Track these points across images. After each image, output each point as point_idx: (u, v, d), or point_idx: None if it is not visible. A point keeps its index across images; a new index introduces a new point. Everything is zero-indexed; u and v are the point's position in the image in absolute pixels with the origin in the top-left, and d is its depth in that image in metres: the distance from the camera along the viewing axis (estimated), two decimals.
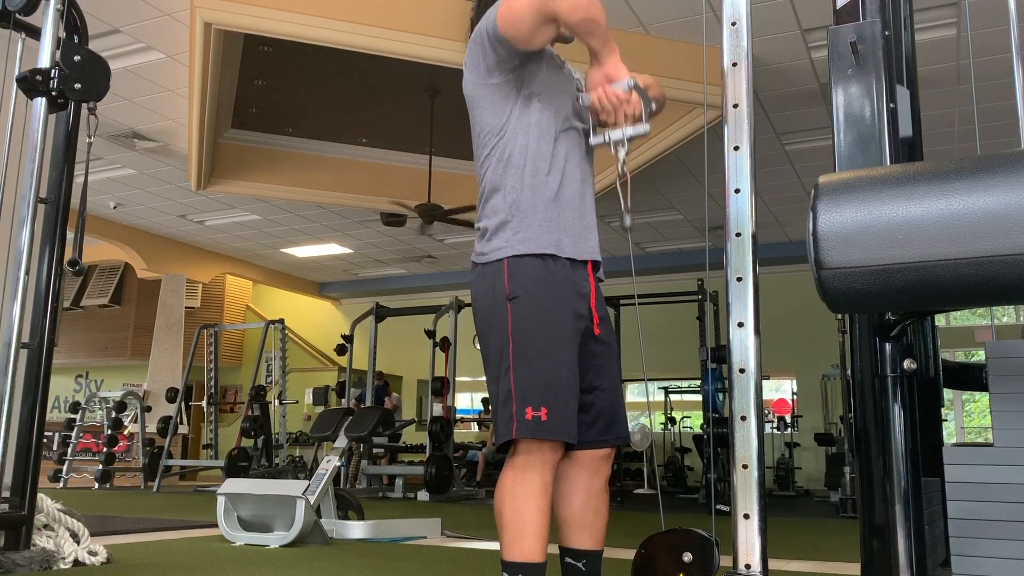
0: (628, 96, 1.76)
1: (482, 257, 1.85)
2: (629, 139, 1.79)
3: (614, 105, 1.77)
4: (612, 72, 1.78)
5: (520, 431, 1.71)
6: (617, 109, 1.77)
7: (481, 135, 1.90)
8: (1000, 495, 1.40)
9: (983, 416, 11.35)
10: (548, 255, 1.80)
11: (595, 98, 1.79)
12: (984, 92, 6.72)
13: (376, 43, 5.84)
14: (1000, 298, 1.24)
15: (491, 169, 1.87)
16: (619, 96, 1.76)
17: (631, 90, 1.76)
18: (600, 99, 1.78)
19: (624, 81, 1.76)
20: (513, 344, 1.75)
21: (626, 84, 1.76)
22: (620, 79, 1.77)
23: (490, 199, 1.86)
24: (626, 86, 1.76)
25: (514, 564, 1.70)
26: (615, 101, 1.76)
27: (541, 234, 1.80)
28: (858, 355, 1.58)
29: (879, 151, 1.61)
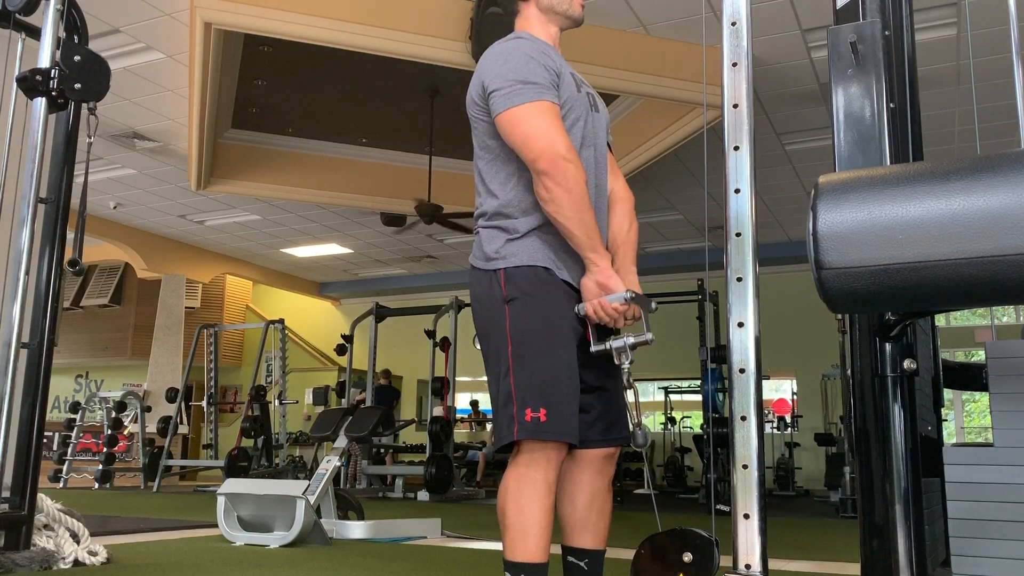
0: (625, 308, 1.76)
1: (481, 263, 1.86)
2: (631, 347, 1.78)
3: (612, 318, 1.77)
4: (605, 282, 1.76)
5: (520, 432, 1.71)
6: (615, 321, 1.77)
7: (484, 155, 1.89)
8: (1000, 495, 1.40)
9: (983, 416, 11.35)
10: (543, 267, 1.81)
11: (591, 310, 1.78)
12: (984, 92, 6.72)
13: (376, 43, 5.84)
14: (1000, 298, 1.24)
15: (492, 185, 1.87)
16: (616, 309, 1.75)
17: (628, 302, 1.75)
18: (597, 312, 1.77)
19: (619, 294, 1.74)
20: (512, 346, 1.76)
21: (622, 297, 1.74)
22: (614, 291, 1.75)
23: (490, 215, 1.86)
24: (621, 298, 1.74)
25: (517, 564, 1.70)
26: (613, 315, 1.76)
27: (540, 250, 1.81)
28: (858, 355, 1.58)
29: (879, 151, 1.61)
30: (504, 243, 1.82)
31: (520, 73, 1.77)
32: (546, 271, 1.80)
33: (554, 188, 1.71)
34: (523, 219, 1.82)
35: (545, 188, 1.72)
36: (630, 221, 2.01)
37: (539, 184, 1.74)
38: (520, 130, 1.75)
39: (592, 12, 5.84)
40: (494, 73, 1.80)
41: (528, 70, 1.78)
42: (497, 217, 1.84)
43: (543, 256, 1.80)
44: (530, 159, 1.74)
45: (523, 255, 1.80)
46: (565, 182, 1.71)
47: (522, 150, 1.75)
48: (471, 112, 1.89)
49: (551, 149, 1.72)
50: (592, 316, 1.78)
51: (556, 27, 1.97)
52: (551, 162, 1.71)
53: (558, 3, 1.93)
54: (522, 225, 1.82)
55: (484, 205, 1.88)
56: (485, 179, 1.89)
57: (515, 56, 1.80)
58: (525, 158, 1.75)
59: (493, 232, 1.84)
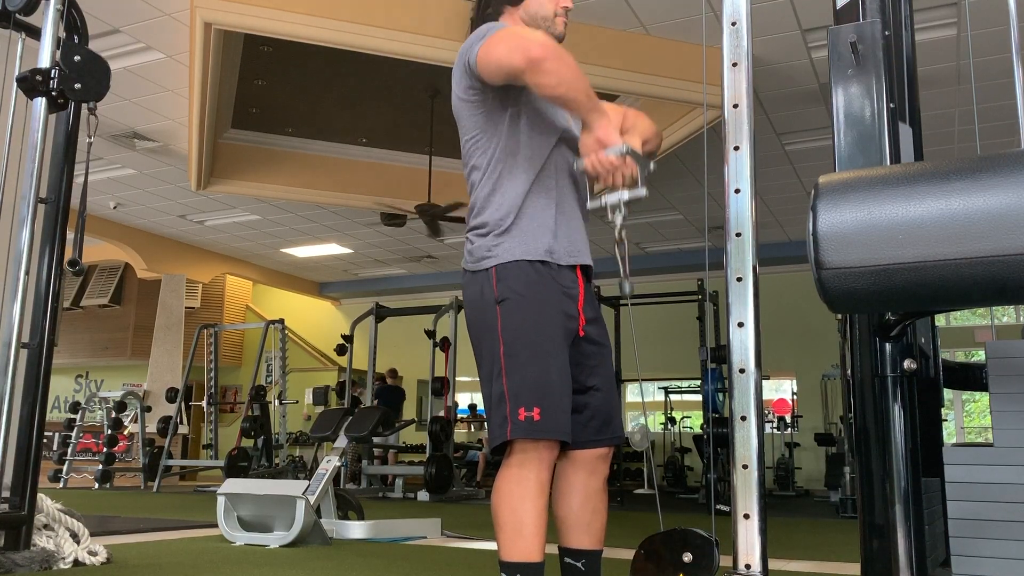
0: (622, 161, 1.76)
1: (471, 265, 1.87)
2: (625, 203, 1.78)
3: (608, 171, 1.77)
4: (604, 137, 1.76)
5: (514, 432, 1.72)
6: (612, 174, 1.77)
7: (469, 149, 1.91)
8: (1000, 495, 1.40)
9: (983, 416, 11.35)
10: (538, 261, 1.81)
11: (588, 164, 1.78)
12: (984, 92, 6.72)
13: (376, 43, 5.84)
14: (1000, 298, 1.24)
15: (480, 181, 1.88)
16: (612, 162, 1.75)
17: (625, 155, 1.75)
18: (594, 165, 1.77)
19: (617, 147, 1.75)
20: (504, 346, 1.77)
21: (619, 149, 1.75)
22: (613, 144, 1.75)
23: (479, 211, 1.87)
24: (619, 151, 1.75)
25: (512, 564, 1.71)
26: (609, 167, 1.76)
27: (530, 241, 1.82)
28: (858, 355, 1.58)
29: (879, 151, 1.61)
30: (493, 241, 1.83)
31: (489, 28, 1.84)
32: (538, 267, 1.80)
33: (556, 66, 1.69)
34: (510, 216, 1.83)
35: (548, 72, 1.69)
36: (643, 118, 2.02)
37: (540, 74, 1.69)
38: (502, 44, 1.75)
39: (592, 12, 5.84)
40: (468, 42, 1.85)
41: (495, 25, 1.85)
42: (485, 216, 1.86)
43: (533, 247, 1.81)
44: (523, 55, 1.70)
45: (515, 250, 1.81)
46: (561, 57, 1.70)
47: (510, 55, 1.72)
48: (457, 108, 1.91)
49: (536, 37, 1.73)
50: (590, 169, 1.79)
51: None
52: (542, 46, 1.70)
53: (542, 19, 1.96)
54: (509, 222, 1.83)
55: (473, 207, 1.90)
56: (473, 178, 1.90)
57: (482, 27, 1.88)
58: (517, 59, 1.71)
59: (481, 232, 1.86)
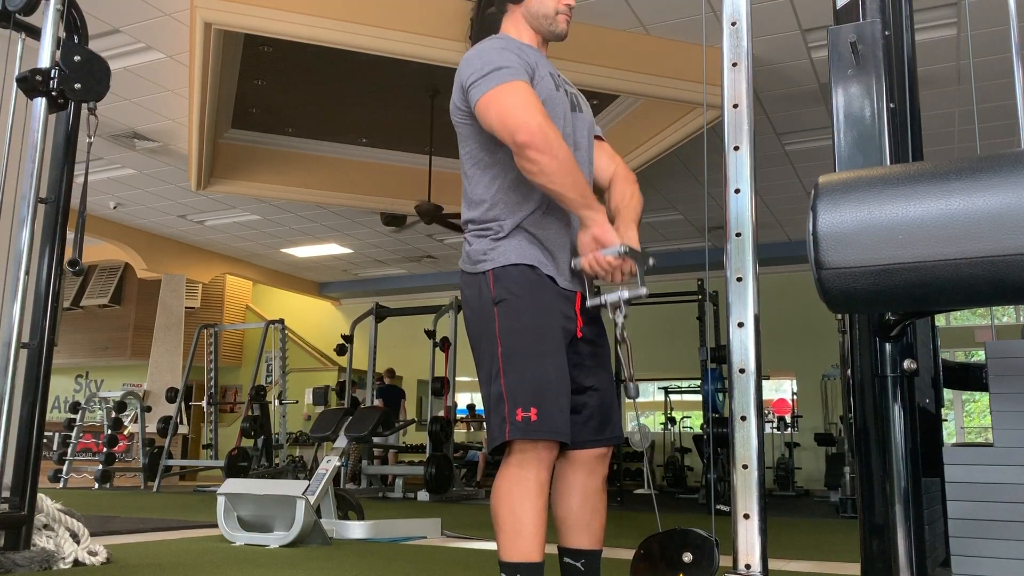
0: (620, 262, 1.76)
1: (469, 267, 1.87)
2: (626, 301, 1.78)
3: (607, 272, 1.77)
4: (600, 236, 1.76)
5: (512, 432, 1.72)
6: (611, 275, 1.78)
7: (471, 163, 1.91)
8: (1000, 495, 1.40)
9: (983, 416, 11.35)
10: (530, 265, 1.81)
11: (586, 264, 1.79)
12: (984, 92, 6.72)
13: (376, 43, 5.84)
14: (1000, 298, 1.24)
15: (476, 180, 1.88)
16: (611, 262, 1.76)
17: (622, 256, 1.75)
18: (592, 265, 1.78)
19: (614, 248, 1.74)
20: (501, 347, 1.77)
21: (616, 250, 1.74)
22: (609, 244, 1.75)
23: (477, 211, 1.87)
24: (616, 252, 1.74)
25: (512, 564, 1.71)
26: (607, 268, 1.76)
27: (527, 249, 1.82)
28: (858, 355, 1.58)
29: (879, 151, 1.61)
30: (490, 244, 1.83)
31: (494, 62, 1.80)
32: (532, 269, 1.81)
33: (538, 156, 1.70)
34: (508, 219, 1.83)
35: (529, 160, 1.71)
36: (632, 191, 2.01)
37: (523, 159, 1.72)
38: (496, 109, 1.75)
39: (592, 12, 5.84)
40: (470, 70, 1.82)
41: (501, 58, 1.80)
42: (482, 220, 1.86)
43: (529, 254, 1.81)
44: (510, 134, 1.72)
45: (510, 254, 1.81)
46: (548, 148, 1.70)
47: (501, 128, 1.74)
48: (455, 119, 1.91)
49: (528, 120, 1.71)
50: (588, 270, 1.79)
51: (540, 35, 2.00)
52: (529, 132, 1.70)
53: (544, 17, 1.96)
54: (507, 225, 1.83)
55: (470, 209, 1.90)
56: (470, 183, 1.90)
57: (488, 50, 1.84)
58: (505, 135, 1.74)
59: (479, 235, 1.86)
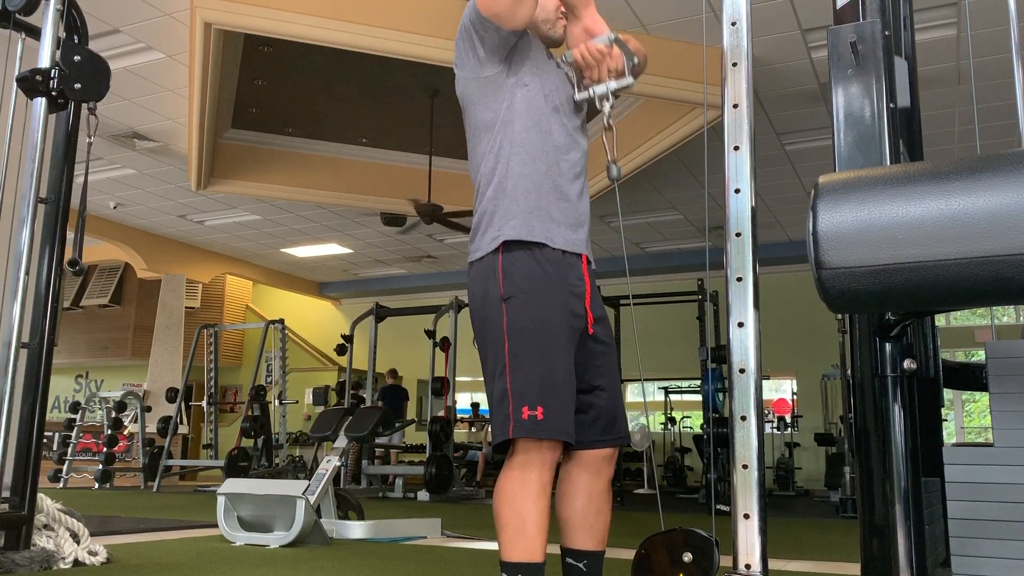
0: (609, 50, 1.79)
1: (476, 253, 1.85)
2: (613, 92, 1.82)
3: (596, 59, 1.79)
4: (591, 26, 1.80)
5: (517, 431, 1.71)
6: (600, 63, 1.80)
7: (476, 132, 1.90)
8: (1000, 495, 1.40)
9: (983, 416, 11.35)
10: (537, 244, 1.80)
11: (577, 54, 1.81)
12: (984, 92, 6.72)
13: (376, 43, 5.84)
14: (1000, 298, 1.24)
15: (484, 164, 1.88)
16: (600, 50, 1.78)
17: (612, 44, 1.78)
18: (583, 54, 1.80)
19: (604, 36, 1.78)
20: (508, 344, 1.76)
21: (606, 38, 1.78)
22: (600, 33, 1.79)
23: (483, 193, 1.87)
24: (607, 40, 1.78)
25: (513, 564, 1.70)
26: (597, 56, 1.79)
27: (531, 222, 1.80)
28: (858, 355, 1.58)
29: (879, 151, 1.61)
30: (496, 217, 1.82)
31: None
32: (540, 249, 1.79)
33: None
34: (511, 195, 1.82)
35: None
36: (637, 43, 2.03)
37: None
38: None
39: None
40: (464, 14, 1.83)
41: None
42: (488, 202, 1.84)
43: (537, 228, 1.80)
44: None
45: (519, 228, 1.79)
46: None
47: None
48: (464, 93, 1.90)
49: None
50: (579, 59, 1.81)
51: (539, 38, 1.99)
52: None
53: (543, 21, 1.95)
54: (510, 201, 1.82)
55: (478, 196, 1.88)
56: (479, 165, 1.89)
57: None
58: None
59: (484, 216, 1.84)
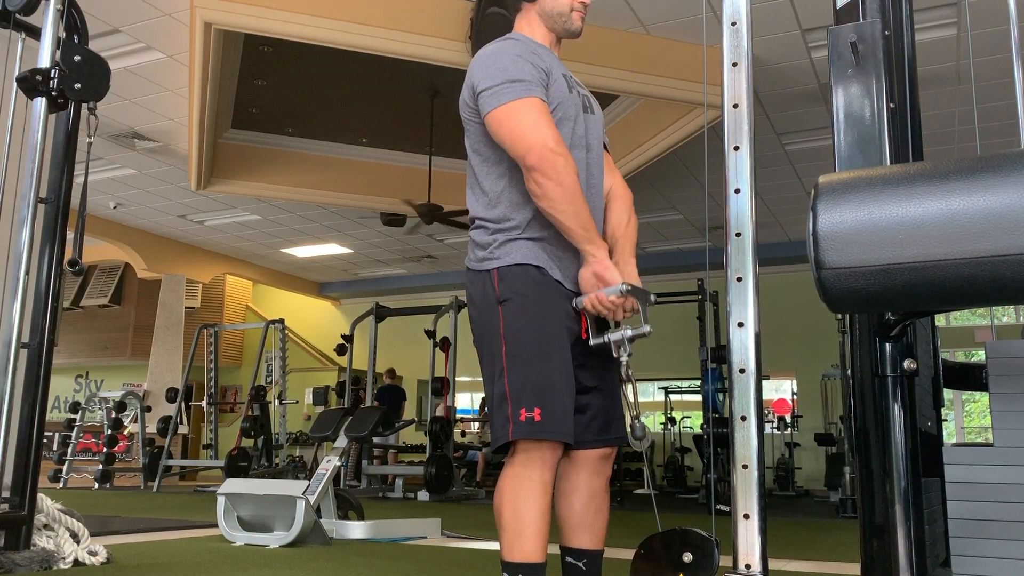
0: (622, 301, 1.75)
1: (475, 264, 1.87)
2: (629, 340, 1.78)
3: (609, 311, 1.76)
4: (602, 274, 1.76)
5: (516, 432, 1.72)
6: (613, 314, 1.77)
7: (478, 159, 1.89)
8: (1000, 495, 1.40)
9: (983, 416, 11.35)
10: (535, 266, 1.81)
11: (588, 304, 1.78)
12: (984, 92, 6.72)
13: (376, 43, 5.84)
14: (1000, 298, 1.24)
15: (484, 177, 1.87)
16: (613, 302, 1.75)
17: (624, 295, 1.75)
18: (594, 305, 1.77)
19: (616, 287, 1.74)
20: (506, 346, 1.77)
21: (618, 290, 1.74)
22: (611, 283, 1.75)
23: (484, 207, 1.86)
24: (619, 291, 1.74)
25: (514, 564, 1.71)
26: (610, 307, 1.76)
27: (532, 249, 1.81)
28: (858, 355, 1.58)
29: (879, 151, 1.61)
30: (496, 243, 1.82)
31: (508, 72, 1.78)
32: (538, 270, 1.80)
33: (545, 182, 1.71)
34: (515, 219, 1.82)
35: (536, 183, 1.72)
36: (628, 216, 2.02)
37: (530, 180, 1.74)
38: (508, 127, 1.75)
39: (592, 12, 5.81)
40: (483, 73, 1.81)
41: (516, 68, 1.79)
42: (489, 218, 1.85)
43: (535, 255, 1.81)
44: (519, 155, 1.74)
45: (516, 254, 1.80)
46: (556, 175, 1.71)
47: (511, 147, 1.76)
48: (464, 115, 1.91)
49: (540, 143, 1.72)
50: (590, 309, 1.79)
51: (555, 34, 1.99)
52: (540, 156, 1.71)
53: (559, 15, 1.95)
54: (514, 225, 1.82)
55: (477, 207, 1.89)
56: (478, 181, 1.89)
57: (503, 56, 1.82)
58: (515, 155, 1.76)
59: (485, 233, 1.85)
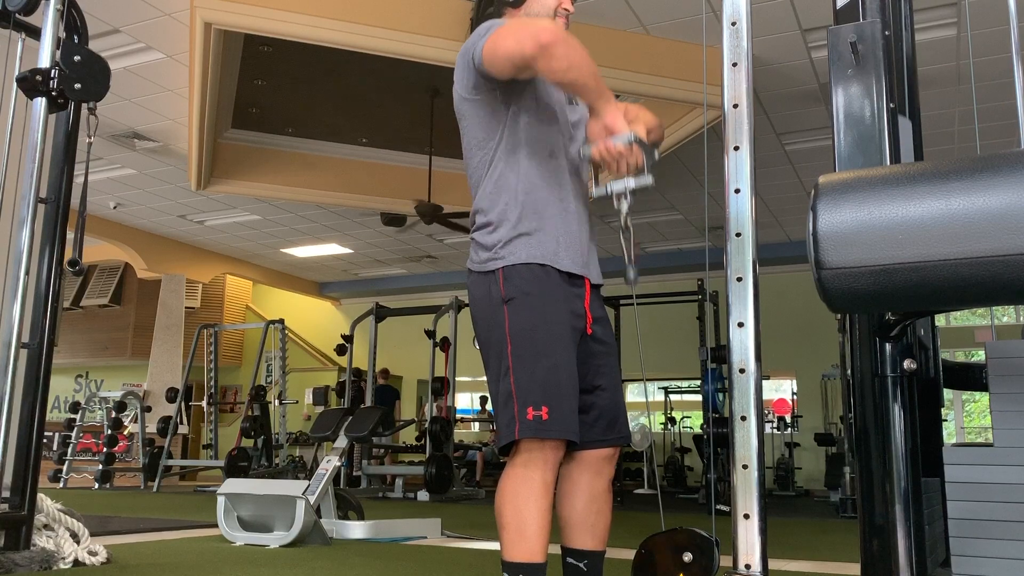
0: (629, 149, 1.75)
1: (477, 266, 1.86)
2: (631, 191, 1.78)
3: (615, 159, 1.76)
4: (611, 124, 1.76)
5: (522, 431, 1.71)
6: (619, 162, 1.77)
7: (471, 149, 1.90)
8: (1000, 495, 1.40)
9: (983, 416, 11.35)
10: (542, 264, 1.81)
11: (595, 152, 1.78)
12: (984, 92, 6.72)
13: (376, 43, 5.84)
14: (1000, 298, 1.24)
15: (483, 179, 1.88)
16: (620, 150, 1.75)
17: (632, 144, 1.75)
18: (601, 152, 1.77)
19: (624, 135, 1.75)
20: (511, 345, 1.76)
21: (627, 138, 1.74)
22: (620, 132, 1.75)
23: (484, 209, 1.87)
24: (627, 140, 1.74)
25: (515, 564, 1.71)
26: (616, 154, 1.76)
27: (536, 245, 1.81)
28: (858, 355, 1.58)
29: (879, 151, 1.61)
30: (500, 244, 1.82)
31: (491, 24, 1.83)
32: (542, 268, 1.80)
33: (566, 50, 1.68)
34: (514, 215, 1.83)
35: (558, 57, 1.68)
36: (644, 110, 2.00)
37: (551, 58, 1.68)
38: (508, 35, 1.74)
39: (592, 12, 5.84)
40: (471, 41, 1.84)
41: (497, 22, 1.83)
42: (490, 217, 1.85)
43: (538, 251, 1.81)
44: (532, 41, 1.68)
45: (520, 253, 1.80)
46: (571, 41, 1.69)
47: (519, 45, 1.71)
48: (459, 107, 1.91)
49: (543, 25, 1.71)
50: (597, 157, 1.79)
51: None
52: (551, 32, 1.68)
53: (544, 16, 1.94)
54: (514, 223, 1.82)
55: (477, 206, 1.89)
56: (475, 178, 1.90)
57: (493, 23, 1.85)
58: (528, 46, 1.69)
59: (487, 233, 1.85)
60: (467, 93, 1.87)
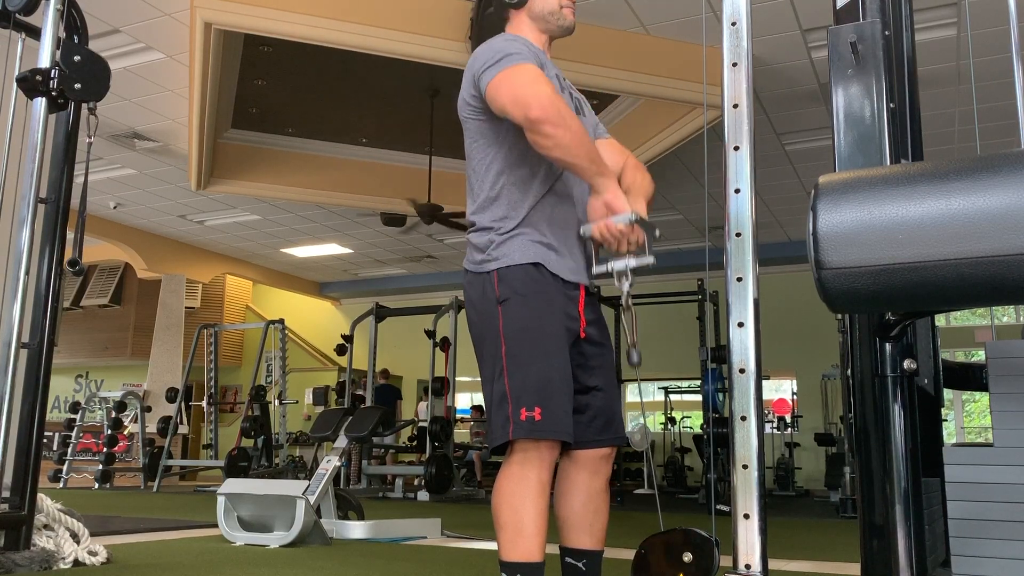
0: (630, 229, 1.76)
1: (473, 266, 1.87)
2: (632, 270, 1.79)
3: (616, 239, 1.77)
4: (612, 202, 1.76)
5: (516, 432, 1.72)
6: (619, 241, 1.78)
7: (472, 151, 1.91)
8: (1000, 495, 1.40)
9: (983, 416, 11.35)
10: (536, 266, 1.82)
11: (596, 231, 1.79)
12: (984, 92, 6.72)
13: (376, 43, 5.84)
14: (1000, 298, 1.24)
15: (482, 181, 1.89)
16: (621, 230, 1.76)
17: (633, 224, 1.75)
18: (602, 232, 1.78)
19: (625, 215, 1.75)
20: (505, 346, 1.77)
21: (628, 218, 1.75)
22: (621, 211, 1.76)
23: (482, 211, 1.87)
24: (628, 219, 1.75)
25: (513, 564, 1.71)
26: (617, 234, 1.76)
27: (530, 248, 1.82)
28: (858, 355, 1.58)
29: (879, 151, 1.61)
30: (495, 245, 1.83)
31: (504, 50, 1.81)
32: (537, 268, 1.81)
33: (554, 130, 1.70)
34: (512, 216, 1.84)
35: (544, 135, 1.71)
36: (643, 176, 2.02)
37: (537, 134, 1.71)
38: (507, 87, 1.75)
39: (592, 12, 5.84)
40: (481, 60, 1.83)
41: (511, 47, 1.82)
42: (487, 219, 1.86)
43: (533, 252, 1.82)
44: (522, 111, 1.72)
45: (515, 254, 1.81)
46: (562, 121, 1.70)
47: (512, 106, 1.74)
48: (463, 114, 1.92)
49: (541, 95, 1.72)
50: (598, 236, 1.79)
51: (547, 35, 2.00)
52: (542, 107, 1.70)
53: (549, 13, 1.96)
54: (511, 224, 1.83)
55: (474, 205, 1.90)
56: (475, 181, 1.91)
57: (497, 41, 1.86)
58: (518, 113, 1.73)
59: (483, 234, 1.86)
60: (471, 101, 1.89)
